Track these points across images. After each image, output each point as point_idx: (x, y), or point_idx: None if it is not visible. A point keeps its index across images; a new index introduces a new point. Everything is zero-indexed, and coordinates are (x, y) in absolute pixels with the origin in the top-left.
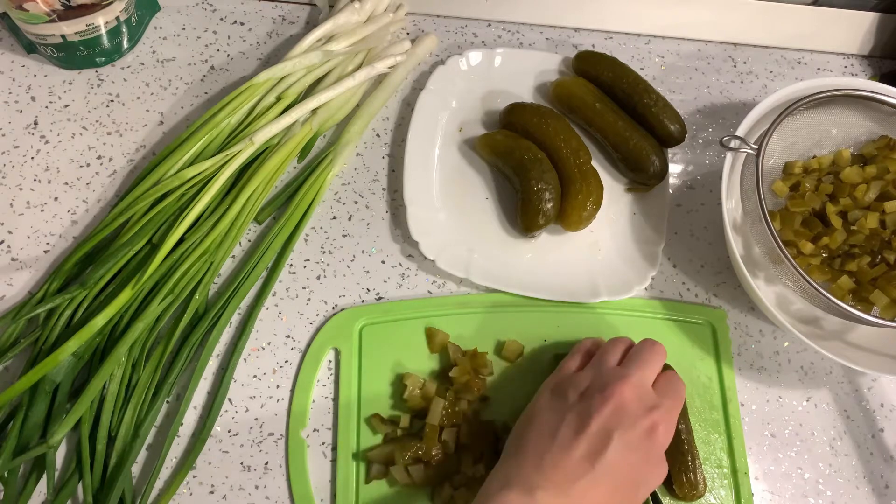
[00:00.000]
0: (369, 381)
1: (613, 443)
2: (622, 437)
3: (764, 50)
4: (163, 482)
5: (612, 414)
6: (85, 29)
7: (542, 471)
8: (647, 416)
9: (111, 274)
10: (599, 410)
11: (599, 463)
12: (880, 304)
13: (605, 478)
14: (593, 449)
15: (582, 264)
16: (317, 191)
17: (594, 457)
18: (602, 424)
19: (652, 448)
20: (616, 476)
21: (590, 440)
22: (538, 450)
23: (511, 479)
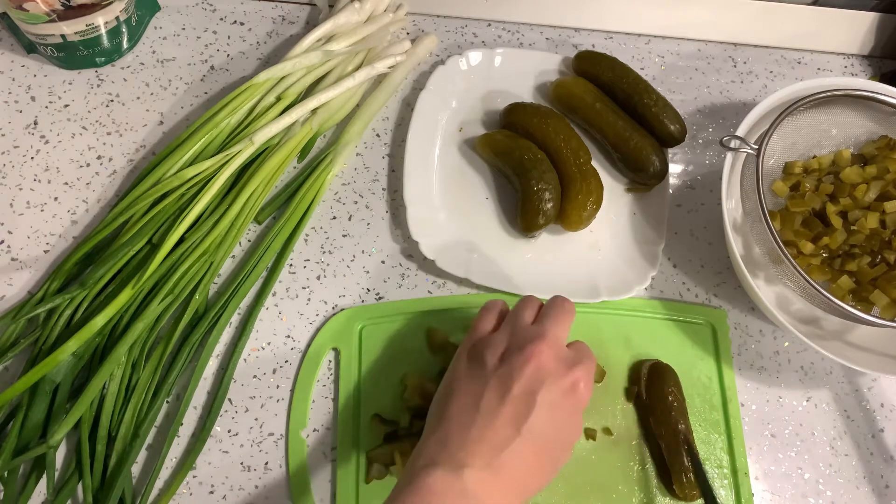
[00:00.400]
0: (369, 382)
1: (537, 404)
2: (545, 396)
3: (764, 50)
4: (163, 482)
5: (534, 374)
6: (85, 29)
7: (468, 445)
8: (568, 374)
9: (111, 274)
10: (521, 371)
11: (525, 427)
12: (880, 304)
13: (531, 441)
14: (518, 413)
15: (582, 264)
16: (317, 191)
17: (519, 421)
18: (524, 387)
19: (575, 404)
20: (542, 437)
21: (514, 404)
22: (462, 421)
23: (436, 457)
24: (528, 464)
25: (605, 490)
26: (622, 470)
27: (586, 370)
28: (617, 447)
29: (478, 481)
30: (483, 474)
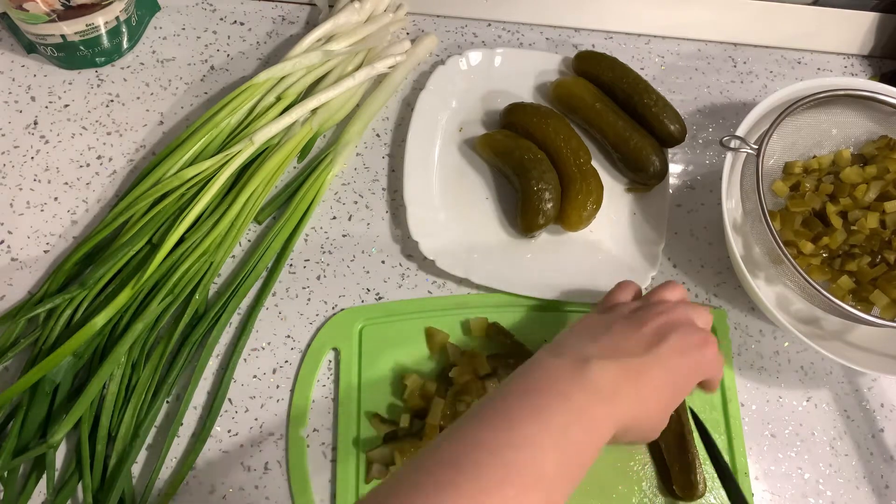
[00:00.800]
0: (369, 382)
1: (668, 341)
2: (676, 340)
3: (764, 50)
4: (163, 482)
5: (667, 323)
6: (85, 29)
7: (597, 345)
8: (699, 333)
9: (111, 274)
10: (655, 318)
11: (654, 351)
12: (880, 304)
13: (658, 366)
14: (648, 341)
15: (582, 264)
16: (317, 191)
17: (650, 346)
18: (656, 327)
19: (700, 361)
20: (668, 370)
21: (646, 334)
22: (592, 333)
23: (563, 350)
24: (650, 386)
25: (605, 490)
26: (622, 470)
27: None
28: (617, 447)
29: (604, 372)
30: (609, 366)
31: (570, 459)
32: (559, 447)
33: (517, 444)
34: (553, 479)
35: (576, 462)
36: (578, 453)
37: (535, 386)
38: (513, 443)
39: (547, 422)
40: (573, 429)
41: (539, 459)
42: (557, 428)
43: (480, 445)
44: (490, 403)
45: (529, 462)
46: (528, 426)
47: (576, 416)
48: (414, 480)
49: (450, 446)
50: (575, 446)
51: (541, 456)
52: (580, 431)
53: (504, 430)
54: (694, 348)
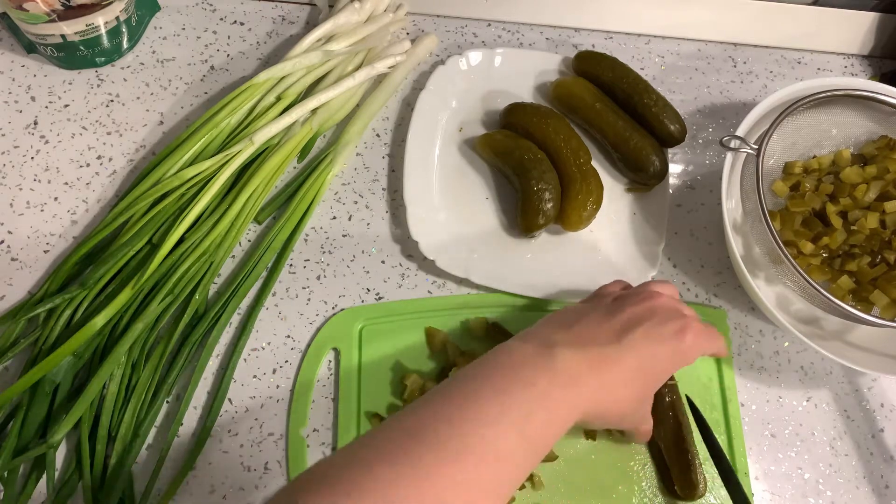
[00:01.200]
0: (369, 382)
1: (642, 328)
2: (651, 328)
3: (764, 50)
4: (163, 482)
5: (645, 310)
6: (85, 29)
7: (566, 333)
8: (678, 319)
9: (111, 274)
10: (633, 305)
11: (625, 339)
12: (880, 304)
13: (629, 354)
14: (621, 328)
15: (582, 264)
16: (317, 191)
17: (621, 334)
18: (633, 313)
19: (678, 348)
20: (640, 358)
21: (619, 322)
22: (563, 321)
23: (531, 337)
24: (617, 374)
25: (605, 490)
26: (622, 470)
27: (699, 333)
28: (617, 447)
29: (569, 358)
30: (575, 354)
31: (530, 441)
32: (519, 429)
33: (479, 422)
34: (510, 458)
35: (536, 444)
36: (539, 436)
37: (500, 370)
38: (474, 419)
39: (509, 404)
40: (535, 413)
41: (499, 438)
42: (519, 411)
43: (442, 419)
44: (456, 383)
45: (490, 439)
46: (490, 406)
47: (539, 401)
48: (374, 446)
49: (413, 418)
50: (536, 429)
51: (501, 435)
52: (542, 415)
53: (467, 408)
54: (670, 336)
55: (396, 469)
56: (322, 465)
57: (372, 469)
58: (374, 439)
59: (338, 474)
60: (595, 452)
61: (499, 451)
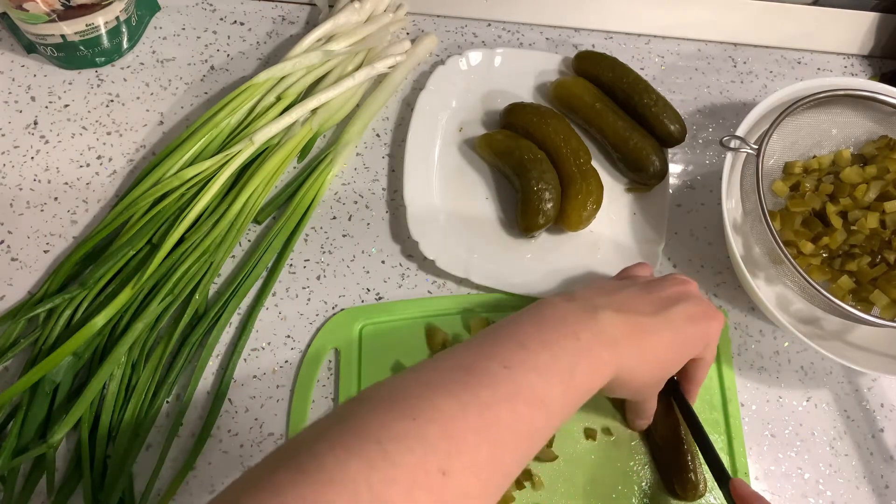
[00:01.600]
0: (369, 381)
1: (679, 307)
2: (687, 308)
3: (764, 50)
4: (163, 482)
5: (681, 292)
6: (85, 29)
7: (608, 299)
8: (710, 306)
9: (111, 274)
10: (670, 288)
11: (663, 314)
12: (880, 304)
13: (665, 328)
14: (661, 303)
15: (582, 264)
16: (317, 191)
17: (660, 309)
18: (669, 295)
19: (706, 332)
20: (673, 333)
21: (658, 297)
22: (603, 289)
23: (574, 297)
24: (650, 344)
25: (605, 490)
26: (622, 470)
27: (723, 320)
28: (617, 447)
29: (610, 320)
30: (616, 317)
31: (571, 393)
32: (565, 380)
33: (529, 367)
34: (555, 407)
35: (575, 397)
36: (579, 389)
37: (548, 322)
38: (525, 364)
39: (557, 355)
40: (579, 365)
41: (548, 386)
42: (565, 362)
43: (495, 359)
44: (503, 329)
45: (539, 386)
46: (539, 355)
47: (583, 355)
48: (427, 379)
49: (466, 355)
50: (577, 383)
51: (550, 384)
52: (584, 370)
53: (518, 351)
54: (702, 317)
55: (456, 400)
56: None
57: (434, 399)
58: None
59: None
60: (595, 452)
61: (545, 398)
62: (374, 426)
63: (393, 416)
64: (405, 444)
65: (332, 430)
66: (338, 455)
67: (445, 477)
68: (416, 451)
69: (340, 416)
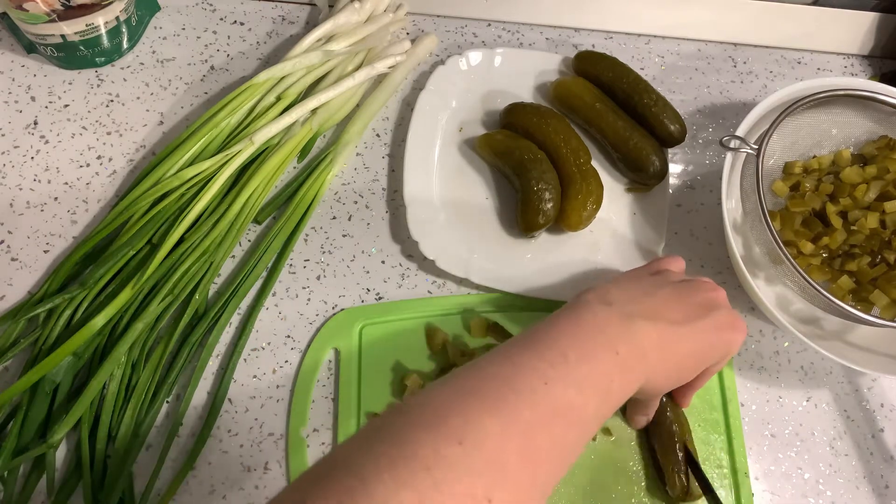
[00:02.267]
0: (369, 381)
1: (711, 317)
2: (717, 318)
3: (764, 50)
4: (163, 482)
5: (713, 300)
6: (85, 29)
7: (643, 305)
8: (737, 317)
9: (111, 274)
10: (702, 293)
11: (692, 325)
12: (880, 304)
13: (693, 338)
14: (691, 314)
15: (582, 264)
16: (317, 191)
17: (691, 317)
18: (701, 302)
19: (731, 340)
20: (700, 343)
21: (691, 305)
22: (639, 292)
23: (609, 299)
24: (676, 353)
25: (605, 490)
26: (622, 470)
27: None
28: (617, 447)
29: (644, 331)
30: (650, 327)
31: (605, 406)
32: (601, 395)
33: (568, 383)
34: (589, 422)
35: (608, 409)
36: (612, 402)
37: (586, 329)
38: (565, 380)
39: (596, 369)
40: (615, 380)
41: (585, 402)
42: (603, 376)
43: (536, 373)
44: (543, 334)
45: (576, 403)
46: (579, 368)
47: (619, 370)
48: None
49: (507, 365)
50: (612, 396)
51: (587, 399)
52: (619, 383)
53: (558, 363)
54: (729, 328)
55: (498, 420)
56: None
57: (480, 419)
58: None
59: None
60: (595, 452)
61: (581, 415)
62: (422, 450)
63: (440, 439)
64: (454, 473)
65: (378, 452)
66: (386, 482)
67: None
68: (464, 479)
69: (386, 432)
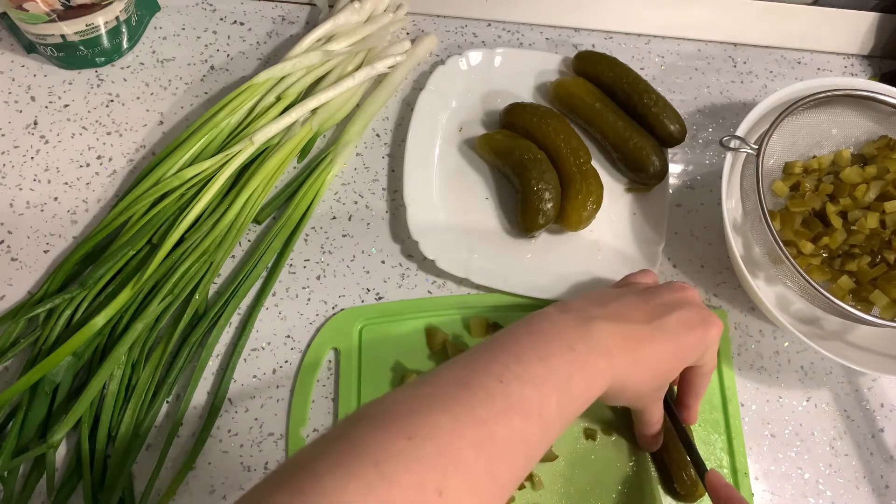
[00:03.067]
0: (369, 381)
1: (675, 315)
2: (683, 316)
3: (764, 50)
4: (163, 482)
5: (678, 299)
6: (85, 29)
7: (604, 309)
8: (708, 312)
9: (111, 274)
10: (668, 294)
11: (658, 322)
12: (880, 304)
13: (660, 337)
14: (654, 313)
15: (582, 264)
16: (317, 191)
17: (654, 317)
18: (668, 300)
19: (703, 338)
20: (668, 342)
21: (653, 306)
22: (598, 299)
23: (569, 308)
24: (645, 353)
25: (605, 490)
26: (622, 470)
27: (721, 326)
28: (617, 447)
29: (604, 332)
30: (611, 328)
31: (567, 405)
32: (560, 392)
33: (524, 380)
34: (551, 419)
35: (571, 408)
36: (575, 400)
37: (543, 335)
38: (520, 378)
39: (553, 367)
40: (575, 378)
41: (543, 399)
42: (562, 374)
43: (490, 373)
44: (499, 342)
45: (534, 399)
46: (535, 367)
47: (578, 367)
48: (422, 395)
49: (461, 369)
50: (573, 394)
51: (545, 396)
52: (580, 381)
53: (513, 364)
54: (700, 324)
55: (451, 416)
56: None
57: (430, 416)
58: (423, 386)
59: (400, 417)
60: (595, 452)
61: (541, 411)
62: (371, 445)
63: (389, 435)
64: (402, 463)
65: (331, 450)
66: (336, 476)
67: (443, 496)
68: (414, 470)
69: (339, 434)
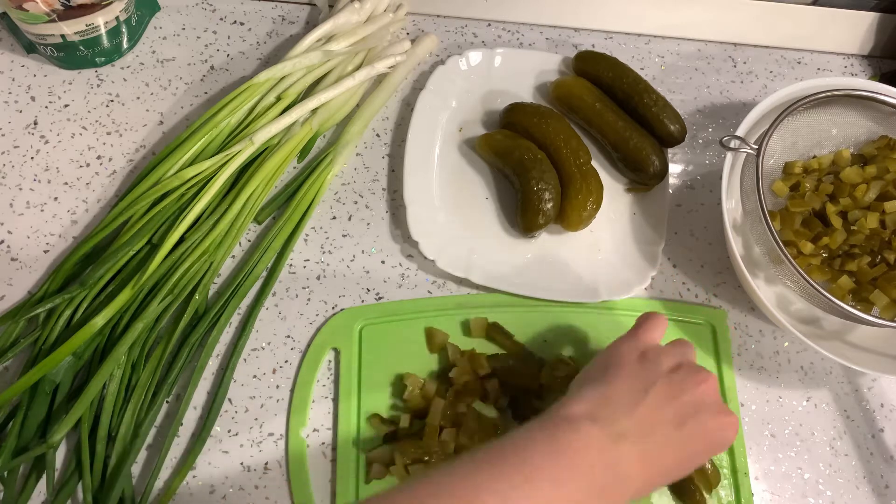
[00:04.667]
0: (369, 381)
1: (699, 418)
2: (706, 420)
3: (764, 50)
4: (163, 482)
5: (702, 397)
6: (85, 29)
7: (632, 418)
8: (727, 415)
9: (111, 274)
10: (693, 389)
11: (682, 430)
12: (880, 304)
13: (680, 446)
14: (682, 416)
15: (582, 264)
16: (317, 191)
17: (680, 424)
18: (692, 400)
19: (723, 442)
20: (688, 448)
21: (681, 408)
22: (632, 397)
23: (598, 414)
24: (669, 461)
25: None
26: None
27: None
28: None
29: (628, 457)
30: (635, 451)
31: None
32: None
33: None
34: None
35: None
36: None
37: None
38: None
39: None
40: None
41: None
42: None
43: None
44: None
45: None
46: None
47: (595, 497)
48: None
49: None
50: None
51: None
52: None
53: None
54: (718, 431)
55: None
56: None
57: None
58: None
59: None
60: None
61: None
62: None
63: None
64: None
65: None
66: None
67: None
68: None
69: None
